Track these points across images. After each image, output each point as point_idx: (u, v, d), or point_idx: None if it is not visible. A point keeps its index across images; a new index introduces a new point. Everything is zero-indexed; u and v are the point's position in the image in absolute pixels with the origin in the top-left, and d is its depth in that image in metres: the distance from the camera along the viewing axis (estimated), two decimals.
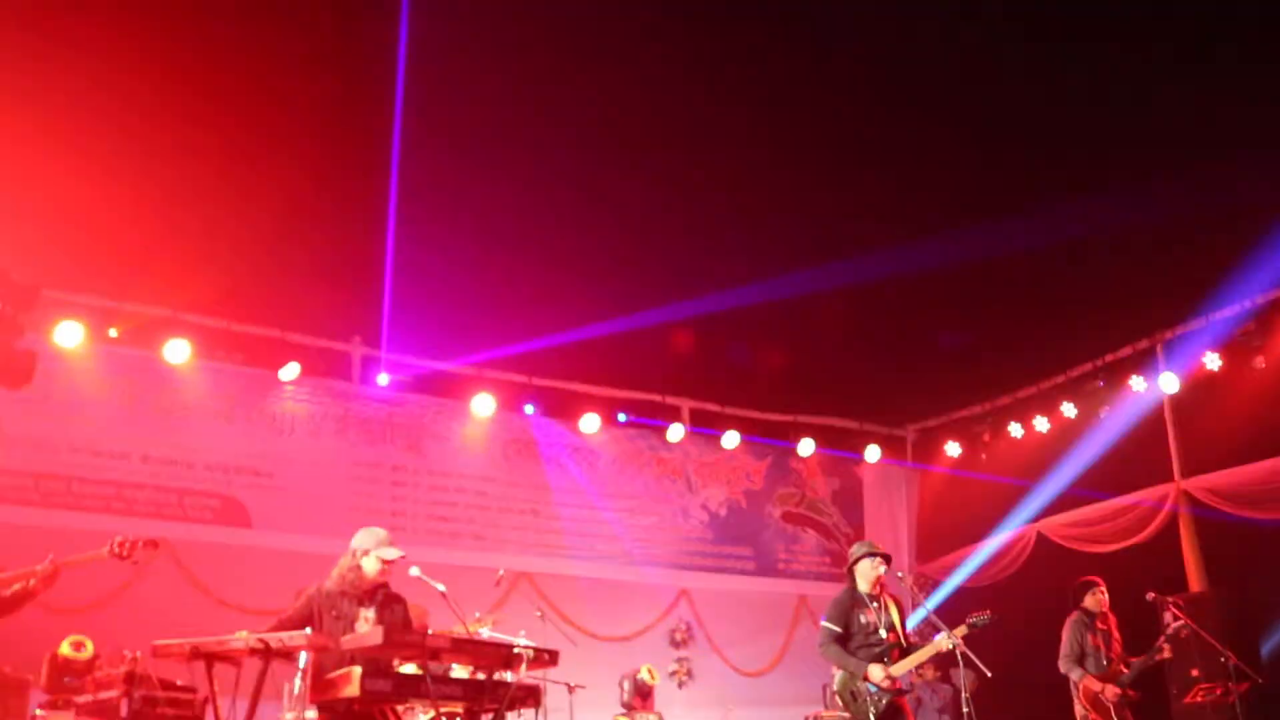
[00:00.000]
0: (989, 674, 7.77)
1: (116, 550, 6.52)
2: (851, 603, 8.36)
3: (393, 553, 7.36)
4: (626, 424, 14.61)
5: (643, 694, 12.37)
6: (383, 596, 7.40)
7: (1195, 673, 11.07)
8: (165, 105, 9.15)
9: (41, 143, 9.08)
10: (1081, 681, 9.74)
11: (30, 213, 9.55)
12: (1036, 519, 14.12)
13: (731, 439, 14.90)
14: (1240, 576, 12.35)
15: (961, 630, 7.96)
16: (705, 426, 14.89)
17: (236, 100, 9.34)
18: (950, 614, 8.31)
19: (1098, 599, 10.07)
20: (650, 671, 12.58)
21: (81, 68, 8.63)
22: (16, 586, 5.98)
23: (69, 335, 11.13)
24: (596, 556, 14.06)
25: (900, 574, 9.55)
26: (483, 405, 13.43)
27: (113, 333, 11.54)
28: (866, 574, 8.37)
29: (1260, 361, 12.40)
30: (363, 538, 7.42)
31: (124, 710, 8.13)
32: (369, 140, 9.78)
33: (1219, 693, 10.61)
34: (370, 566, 7.31)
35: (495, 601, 12.09)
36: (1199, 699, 10.75)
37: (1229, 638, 10.42)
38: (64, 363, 11.21)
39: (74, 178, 9.39)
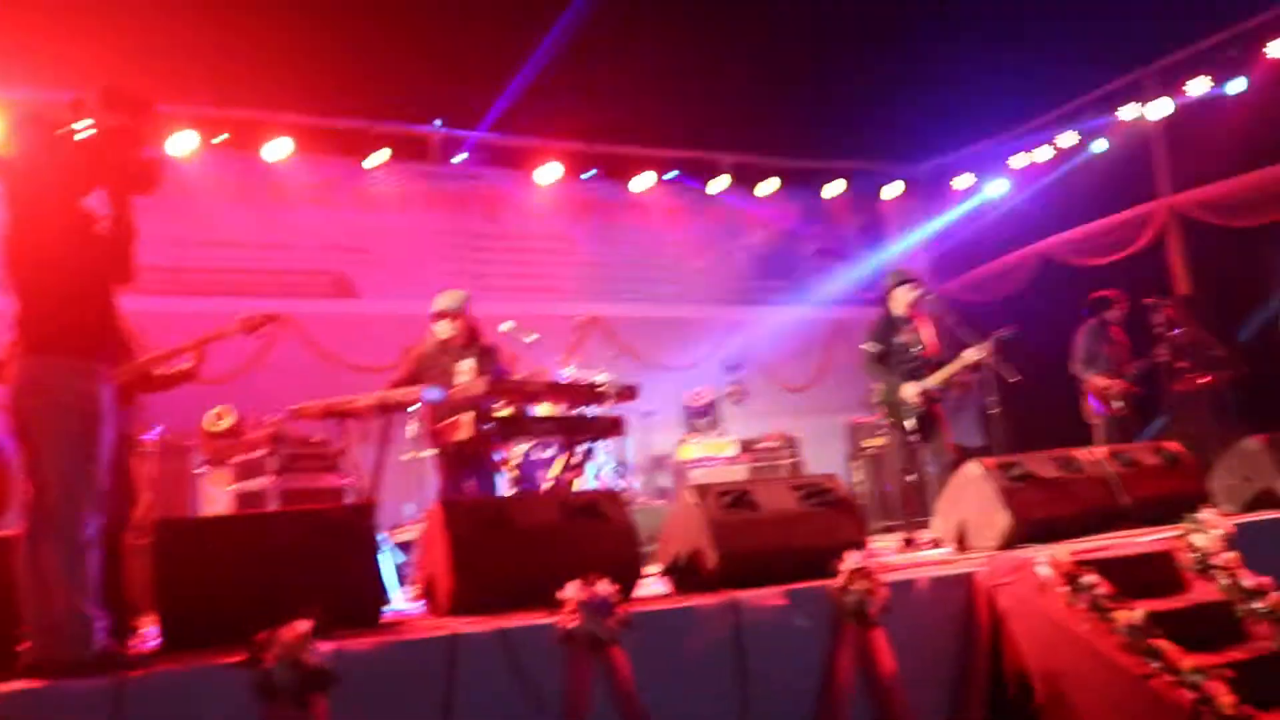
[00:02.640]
0: (1013, 379, 7.69)
1: (245, 325, 6.38)
2: (888, 324, 8.25)
3: (449, 305, 7.30)
4: (675, 180, 14.33)
5: (705, 413, 12.48)
6: (479, 348, 7.37)
7: (1184, 364, 10.95)
8: None
9: None
10: (1090, 379, 9.62)
11: (135, 29, 9.27)
12: (1040, 239, 13.88)
13: (767, 186, 14.60)
14: (1222, 278, 12.17)
15: (988, 343, 7.85)
16: (744, 177, 14.56)
17: None
18: (971, 328, 8.16)
19: (1116, 313, 9.87)
20: (706, 392, 12.67)
21: None
22: (173, 370, 5.91)
23: (182, 143, 10.95)
24: (657, 298, 13.98)
25: (930, 295, 9.35)
26: (549, 173, 13.19)
27: (219, 138, 11.31)
28: (901, 299, 8.24)
29: (1243, 85, 11.92)
30: (439, 300, 7.35)
31: (273, 466, 8.24)
32: None
33: (1206, 380, 10.52)
34: (440, 326, 7.28)
35: (573, 344, 12.09)
36: (1190, 387, 10.66)
37: (1214, 332, 10.28)
38: (181, 167, 11.01)
39: None
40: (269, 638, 3.55)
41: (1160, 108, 12.54)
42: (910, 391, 7.90)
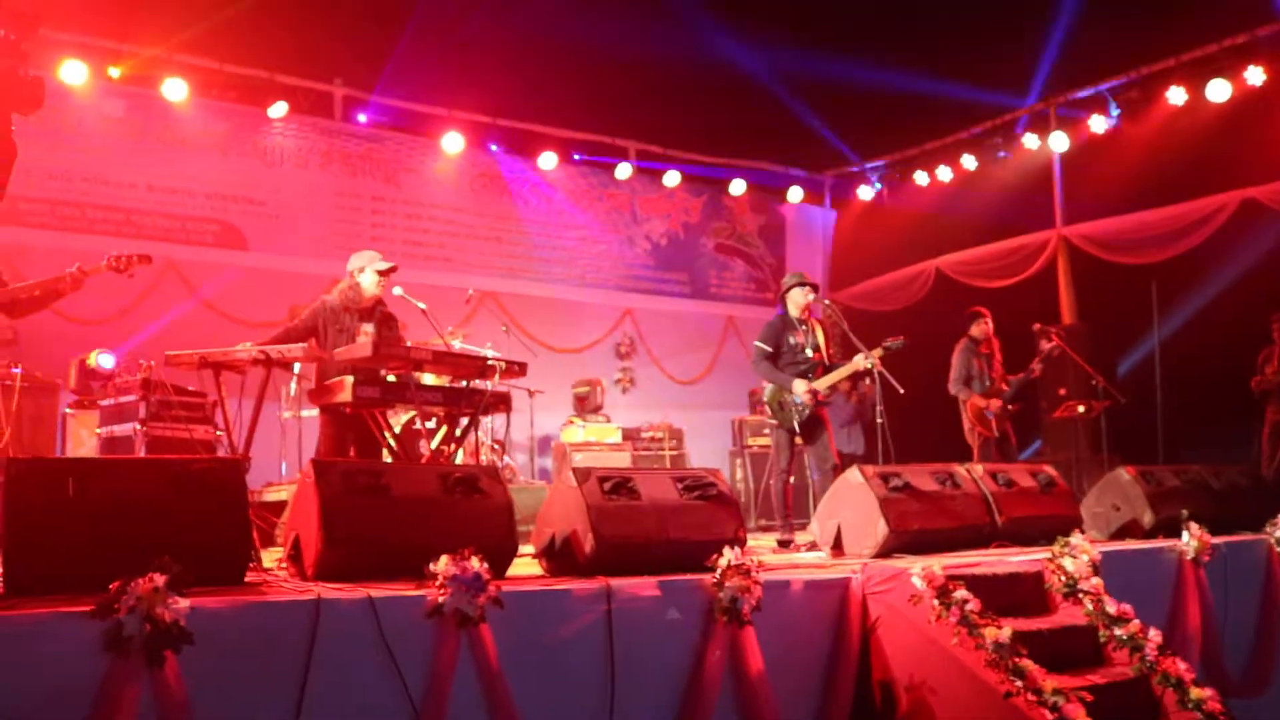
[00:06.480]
0: (901, 390, 7.72)
1: (113, 264, 6.09)
2: (782, 326, 8.23)
3: (385, 265, 7.13)
4: (580, 162, 14.23)
5: (592, 398, 12.42)
6: (380, 314, 7.21)
7: (1063, 391, 11.20)
8: None
9: None
10: (969, 400, 9.75)
11: None
12: (936, 256, 14.08)
13: (672, 178, 14.59)
14: (1106, 311, 12.48)
15: (878, 351, 7.87)
16: (650, 165, 14.54)
17: None
18: (863, 338, 8.18)
19: (983, 328, 9.96)
20: (595, 377, 12.65)
21: None
22: (44, 288, 5.62)
23: (74, 73, 10.47)
24: (553, 279, 13.90)
25: (826, 302, 9.41)
26: (452, 143, 12.95)
27: (114, 72, 10.92)
28: (797, 301, 8.22)
29: (1140, 127, 12.25)
30: (357, 259, 7.19)
31: (142, 412, 7.93)
32: None
33: (1083, 409, 10.75)
34: (368, 281, 7.09)
35: (464, 317, 11.92)
36: (1067, 414, 10.88)
37: (1095, 363, 10.51)
38: (72, 99, 10.62)
39: None
40: (122, 588, 3.37)
41: (1059, 141, 12.81)
42: (799, 390, 7.90)
